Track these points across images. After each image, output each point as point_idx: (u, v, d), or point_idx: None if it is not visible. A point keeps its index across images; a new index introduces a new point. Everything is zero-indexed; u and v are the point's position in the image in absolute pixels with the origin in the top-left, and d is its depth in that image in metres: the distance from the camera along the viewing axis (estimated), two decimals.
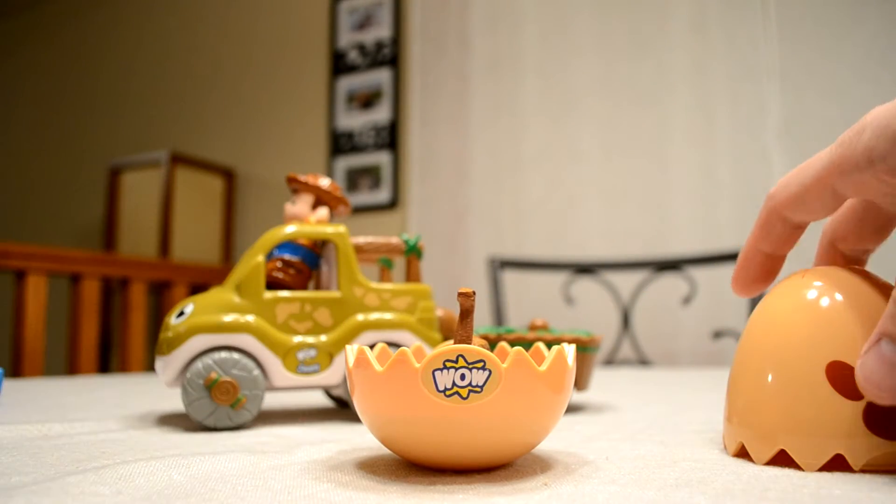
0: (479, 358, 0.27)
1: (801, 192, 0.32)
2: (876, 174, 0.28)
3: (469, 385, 0.27)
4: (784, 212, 0.34)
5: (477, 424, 0.28)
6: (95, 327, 1.88)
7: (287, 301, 0.47)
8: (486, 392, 0.27)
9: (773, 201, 0.34)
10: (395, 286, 0.50)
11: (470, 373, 0.27)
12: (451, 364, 0.27)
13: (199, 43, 2.81)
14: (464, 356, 0.27)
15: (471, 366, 0.27)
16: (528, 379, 0.28)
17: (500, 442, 0.29)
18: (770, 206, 0.34)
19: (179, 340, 0.44)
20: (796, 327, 0.31)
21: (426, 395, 0.27)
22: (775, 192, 0.34)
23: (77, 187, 3.07)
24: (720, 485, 0.27)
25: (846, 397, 0.28)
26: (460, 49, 2.19)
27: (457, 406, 0.27)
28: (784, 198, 0.33)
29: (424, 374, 0.27)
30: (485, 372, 0.27)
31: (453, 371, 0.27)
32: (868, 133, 0.28)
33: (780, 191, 0.34)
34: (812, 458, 0.29)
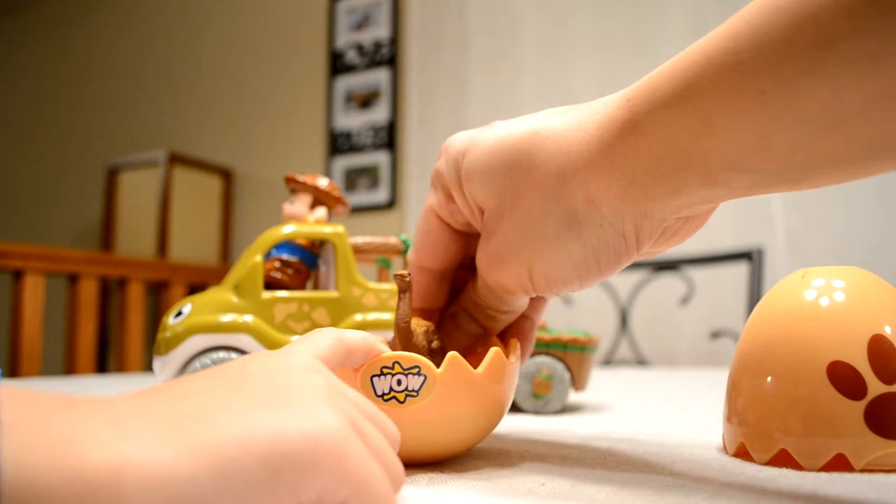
0: (414, 364, 0.28)
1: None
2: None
3: (406, 390, 0.28)
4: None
5: (415, 427, 0.29)
6: (93, 327, 1.88)
7: (285, 301, 0.47)
8: (422, 396, 0.28)
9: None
10: (393, 286, 0.50)
11: (406, 378, 0.28)
12: (387, 370, 0.28)
13: (198, 43, 2.81)
14: (399, 363, 0.28)
15: (406, 371, 0.28)
16: (464, 382, 0.29)
17: (441, 440, 0.30)
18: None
19: (177, 340, 0.44)
20: (796, 327, 0.31)
21: None
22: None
23: (75, 187, 3.07)
24: (720, 485, 0.27)
25: (847, 397, 0.28)
26: (458, 49, 2.19)
27: (394, 410, 0.28)
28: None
29: (363, 380, 0.28)
30: (420, 377, 0.28)
31: (390, 377, 0.28)
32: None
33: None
34: (813, 458, 0.29)
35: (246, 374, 0.21)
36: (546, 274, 0.30)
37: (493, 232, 0.31)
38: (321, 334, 0.26)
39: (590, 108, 0.29)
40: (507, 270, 0.31)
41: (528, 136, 0.30)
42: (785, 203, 1.72)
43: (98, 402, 0.17)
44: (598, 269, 0.29)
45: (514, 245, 0.30)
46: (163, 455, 0.16)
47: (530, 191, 0.29)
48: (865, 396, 0.28)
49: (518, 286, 0.31)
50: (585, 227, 0.28)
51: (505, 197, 0.30)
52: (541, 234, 0.29)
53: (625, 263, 0.29)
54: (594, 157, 0.27)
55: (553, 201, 0.28)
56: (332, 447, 0.19)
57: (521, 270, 0.30)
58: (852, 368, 0.29)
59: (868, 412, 0.28)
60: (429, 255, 0.35)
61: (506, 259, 0.31)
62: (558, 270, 0.29)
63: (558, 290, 0.31)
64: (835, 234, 1.67)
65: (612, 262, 0.29)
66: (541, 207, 0.29)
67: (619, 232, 0.28)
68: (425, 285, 0.36)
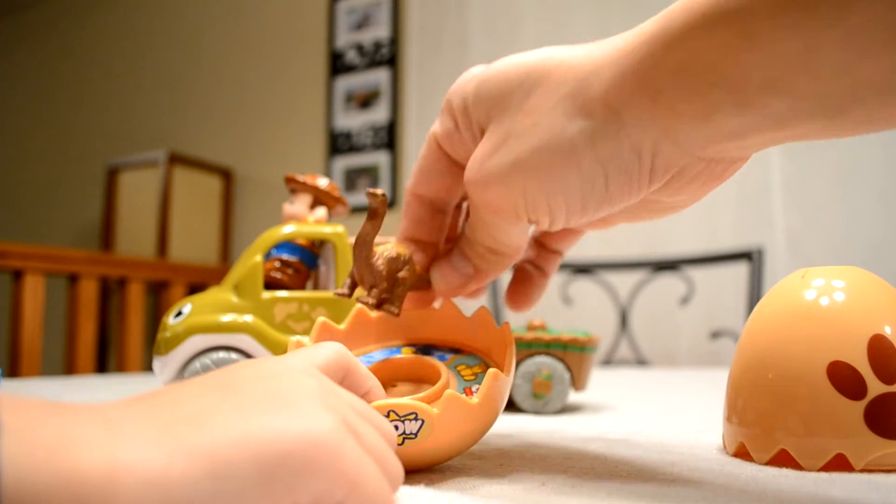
0: (410, 411, 0.27)
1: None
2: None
3: (403, 434, 0.27)
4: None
5: (414, 463, 0.29)
6: (93, 327, 1.88)
7: (285, 301, 0.47)
8: (420, 438, 0.28)
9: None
10: None
11: (403, 424, 0.27)
12: None
13: (198, 43, 2.81)
14: (395, 411, 0.27)
15: (403, 418, 0.27)
16: (462, 417, 0.29)
17: (437, 461, 0.30)
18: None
19: (177, 340, 0.44)
20: (796, 327, 0.31)
21: None
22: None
23: (75, 187, 3.06)
24: (719, 484, 0.27)
25: (847, 397, 0.28)
26: (458, 49, 2.19)
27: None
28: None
29: None
30: (417, 422, 0.28)
31: None
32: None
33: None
34: (813, 458, 0.29)
35: (238, 378, 0.21)
36: (547, 191, 0.27)
37: (492, 145, 0.29)
38: (324, 345, 0.26)
39: (617, 37, 0.27)
40: (502, 185, 0.28)
41: (543, 55, 0.28)
42: (785, 203, 1.72)
43: (91, 408, 0.17)
44: (604, 191, 0.26)
45: (516, 155, 0.27)
46: (156, 457, 0.16)
47: (542, 96, 0.27)
48: (865, 396, 0.28)
49: (509, 205, 0.28)
50: (599, 136, 0.25)
51: (510, 107, 0.28)
52: (548, 141, 0.26)
53: (633, 193, 0.26)
54: (618, 63, 0.25)
55: (567, 104, 0.26)
56: (327, 448, 0.18)
57: (517, 185, 0.27)
58: (852, 368, 0.29)
59: (868, 412, 0.28)
60: (424, 180, 0.34)
61: (503, 172, 0.28)
62: (561, 186, 0.27)
63: (554, 215, 0.28)
64: (835, 234, 1.67)
65: (621, 186, 0.26)
66: (552, 113, 0.26)
67: (635, 148, 0.25)
68: (417, 212, 0.34)
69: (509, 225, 0.30)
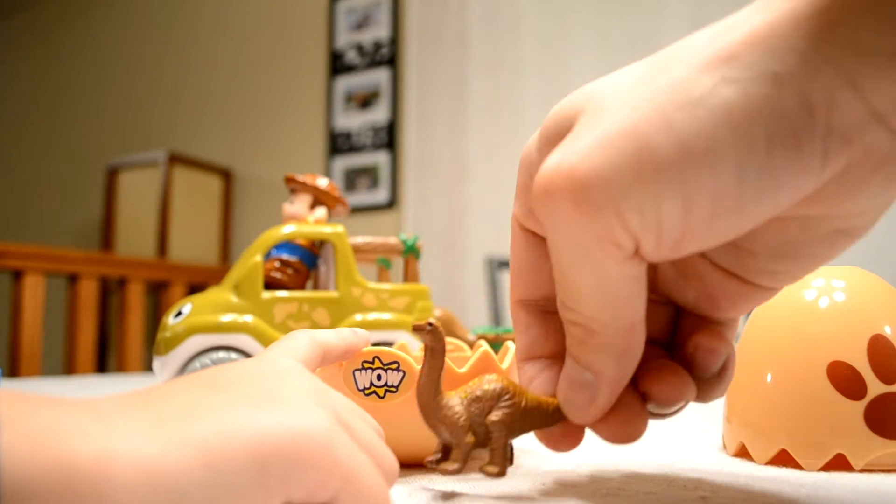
0: (393, 360, 0.29)
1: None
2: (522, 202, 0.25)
3: (385, 385, 0.29)
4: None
5: (395, 421, 0.29)
6: (93, 327, 1.88)
7: (285, 301, 0.47)
8: (401, 392, 0.29)
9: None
10: (393, 286, 0.50)
11: (386, 373, 0.29)
12: (368, 365, 0.29)
13: (197, 43, 2.81)
14: (379, 357, 0.29)
15: (386, 367, 0.29)
16: (446, 380, 0.28)
17: (424, 437, 0.29)
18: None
19: (177, 340, 0.44)
20: (796, 327, 0.31)
21: (348, 393, 0.29)
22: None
23: (75, 187, 3.06)
24: (720, 485, 0.27)
25: (847, 397, 0.28)
26: (458, 49, 2.19)
27: (374, 405, 0.29)
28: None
29: (346, 374, 0.29)
30: (399, 373, 0.29)
31: (370, 371, 0.29)
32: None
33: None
34: (813, 458, 0.29)
35: (227, 377, 0.21)
36: (676, 168, 0.18)
37: (576, 133, 0.20)
38: (295, 337, 0.26)
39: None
40: (592, 172, 0.19)
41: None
42: None
43: (84, 401, 0.17)
44: (766, 164, 0.18)
45: (618, 125, 0.19)
46: (149, 448, 0.16)
47: (648, 64, 0.21)
48: (865, 396, 0.28)
49: (605, 203, 0.19)
50: (753, 84, 0.18)
51: (603, 94, 0.21)
52: (672, 99, 0.19)
53: (804, 170, 0.19)
54: (764, 6, 0.19)
55: (696, 54, 0.19)
56: (319, 441, 0.18)
57: (622, 168, 0.19)
58: (852, 368, 0.29)
59: (868, 412, 0.28)
60: (521, 280, 0.26)
61: (594, 152, 0.19)
62: (703, 159, 0.18)
63: (692, 213, 0.19)
64: None
65: (788, 154, 0.18)
66: (671, 66, 0.20)
67: (804, 98, 0.18)
68: (526, 322, 0.26)
69: (600, 254, 0.20)
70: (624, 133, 0.19)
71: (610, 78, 0.22)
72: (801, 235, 0.21)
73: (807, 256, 0.22)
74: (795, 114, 0.18)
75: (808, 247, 0.22)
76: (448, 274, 2.12)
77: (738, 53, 0.19)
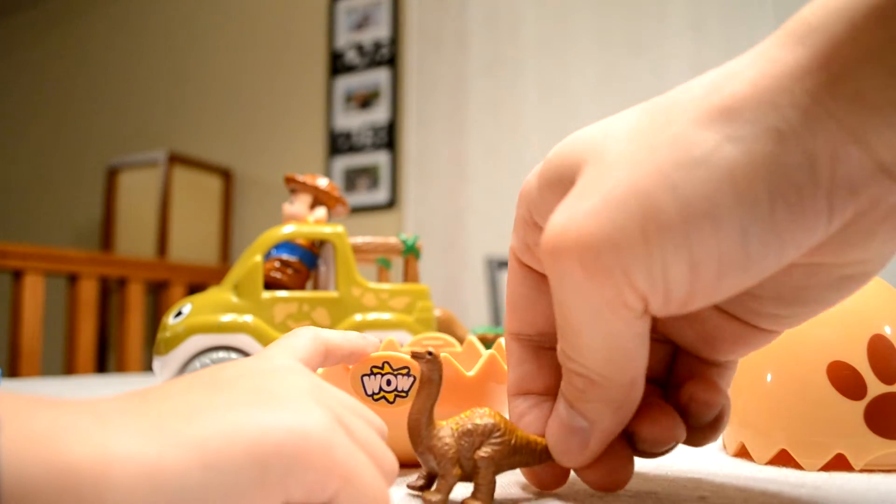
0: (403, 365, 0.29)
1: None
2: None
3: (395, 390, 0.29)
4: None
5: (405, 426, 0.28)
6: (93, 327, 1.88)
7: (285, 301, 0.47)
8: (411, 396, 0.28)
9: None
10: (392, 286, 0.50)
11: (395, 378, 0.29)
12: (377, 370, 0.29)
13: (197, 43, 2.81)
14: (389, 363, 0.29)
15: (396, 372, 0.29)
16: (456, 385, 0.29)
17: None
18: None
19: (177, 340, 0.44)
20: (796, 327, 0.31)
21: (356, 399, 0.28)
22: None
23: (74, 187, 3.06)
24: (719, 484, 0.27)
25: (847, 397, 0.28)
26: (458, 49, 2.19)
27: (384, 410, 0.28)
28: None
29: (354, 379, 0.29)
30: (409, 378, 0.29)
31: (380, 377, 0.29)
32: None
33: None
34: (813, 458, 0.29)
35: (225, 377, 0.21)
36: (681, 228, 0.18)
37: (584, 188, 0.20)
38: (298, 335, 0.26)
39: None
40: (600, 232, 0.19)
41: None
42: None
43: (81, 402, 0.17)
44: (769, 219, 0.18)
45: (624, 185, 0.19)
46: (147, 448, 0.16)
47: (651, 118, 0.20)
48: (865, 396, 0.28)
49: (611, 262, 0.19)
50: (754, 141, 0.18)
51: (607, 146, 0.21)
52: (676, 158, 0.19)
53: (808, 225, 0.18)
54: (766, 56, 0.19)
55: (696, 110, 0.19)
56: (319, 440, 0.18)
57: (629, 228, 0.19)
58: (852, 368, 0.29)
59: (868, 412, 0.28)
60: (516, 315, 0.26)
61: (602, 213, 0.19)
62: (706, 220, 0.18)
63: (698, 271, 0.19)
64: None
65: (791, 210, 0.18)
66: (674, 124, 0.19)
67: (807, 153, 0.18)
68: (520, 357, 0.26)
69: (609, 315, 0.20)
70: (628, 194, 0.19)
71: (611, 125, 0.22)
72: (807, 281, 0.21)
73: (813, 302, 0.22)
74: (799, 171, 0.18)
75: (815, 292, 0.22)
76: (448, 274, 2.12)
77: (740, 109, 0.18)
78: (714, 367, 0.25)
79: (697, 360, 0.25)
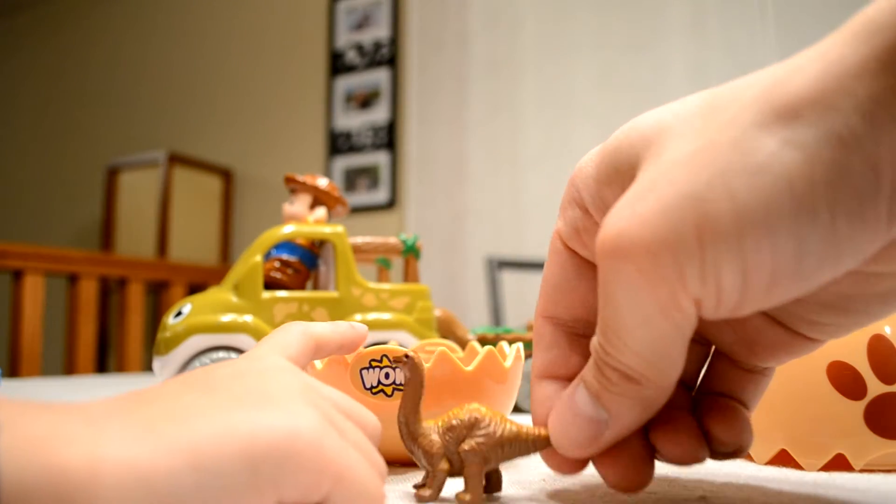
0: (401, 357, 0.28)
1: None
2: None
3: (393, 383, 0.29)
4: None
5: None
6: (93, 327, 1.88)
7: (285, 301, 0.47)
8: None
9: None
10: (393, 286, 0.50)
11: (394, 372, 0.29)
12: (376, 363, 0.29)
13: (197, 43, 2.81)
14: (387, 356, 0.29)
15: (394, 365, 0.29)
16: (453, 378, 0.29)
17: None
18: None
19: (177, 340, 0.44)
20: None
21: (355, 392, 0.29)
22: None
23: (75, 187, 3.06)
24: (720, 484, 0.27)
25: (847, 397, 0.28)
26: (458, 49, 2.19)
27: (382, 403, 0.29)
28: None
29: (353, 373, 0.29)
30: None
31: (378, 370, 0.29)
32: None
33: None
34: (813, 458, 0.29)
35: (217, 377, 0.21)
36: (739, 231, 0.18)
37: (646, 185, 0.20)
38: (287, 331, 0.26)
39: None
40: (659, 234, 0.19)
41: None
42: None
43: (74, 406, 0.17)
44: (830, 228, 0.18)
45: (687, 188, 0.19)
46: (139, 452, 0.16)
47: (712, 114, 0.20)
48: (865, 396, 0.28)
49: (670, 268, 0.19)
50: (815, 147, 0.17)
51: (668, 137, 0.20)
52: (737, 162, 0.18)
53: (867, 232, 0.18)
54: (830, 55, 0.18)
55: (756, 111, 0.19)
56: (310, 440, 0.18)
57: (686, 231, 0.18)
58: (852, 368, 0.29)
59: (868, 412, 0.28)
60: (554, 297, 0.25)
61: (662, 214, 0.19)
62: (763, 226, 0.18)
63: (751, 276, 0.18)
64: None
65: (850, 218, 0.18)
66: (734, 125, 0.19)
67: (869, 160, 0.17)
68: (550, 340, 0.25)
69: (660, 318, 0.19)
70: (686, 199, 0.19)
71: (671, 115, 0.21)
72: (855, 290, 0.21)
73: (860, 312, 0.22)
74: (861, 179, 0.17)
75: (862, 303, 0.21)
76: (448, 274, 2.12)
77: (802, 111, 0.18)
78: (749, 373, 0.24)
79: (732, 366, 0.24)
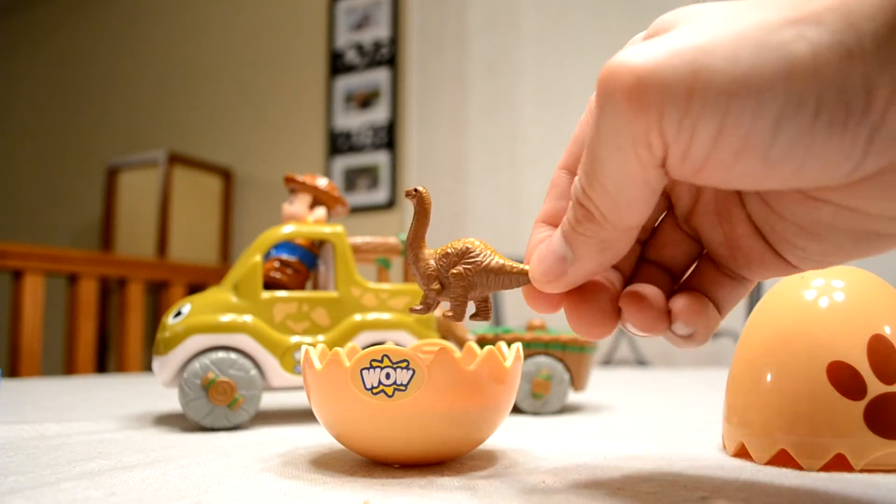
0: (402, 358, 0.28)
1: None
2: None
3: (394, 384, 0.28)
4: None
5: (403, 421, 0.28)
6: (93, 327, 1.88)
7: (284, 301, 0.47)
8: (410, 390, 0.28)
9: None
10: (392, 286, 0.50)
11: (394, 372, 0.28)
12: (376, 363, 0.29)
13: (197, 42, 2.81)
14: (388, 356, 0.29)
15: (395, 365, 0.28)
16: (454, 378, 0.28)
17: (434, 437, 0.29)
18: None
19: (177, 340, 0.44)
20: (796, 327, 0.31)
21: (355, 393, 0.28)
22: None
23: (74, 187, 3.06)
24: (719, 484, 0.27)
25: (847, 397, 0.28)
26: (458, 49, 2.19)
27: (382, 404, 0.28)
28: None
29: (353, 373, 0.29)
30: (408, 371, 0.28)
31: (379, 370, 0.29)
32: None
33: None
34: (813, 458, 0.29)
35: None
36: (725, 89, 0.19)
37: (662, 35, 0.21)
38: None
39: None
40: (656, 69, 0.20)
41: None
42: None
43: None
44: (810, 122, 0.19)
45: (696, 38, 0.20)
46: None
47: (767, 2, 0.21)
48: (865, 396, 0.28)
49: (658, 101, 0.19)
50: (825, 48, 0.18)
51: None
52: (750, 34, 0.19)
53: (843, 145, 0.19)
54: None
55: (781, 4, 0.20)
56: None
57: (680, 74, 0.20)
58: (852, 368, 0.29)
59: (868, 412, 0.28)
60: (574, 153, 0.27)
61: (667, 53, 0.20)
62: (754, 97, 0.19)
63: (724, 139, 0.19)
64: None
65: (830, 123, 0.19)
66: (757, 9, 0.20)
67: (867, 81, 0.18)
68: (564, 189, 0.27)
69: (630, 151, 0.20)
70: (694, 50, 0.20)
71: (710, 4, 0.22)
72: (831, 219, 0.21)
73: (830, 243, 0.22)
74: (854, 94, 0.18)
75: (833, 234, 0.22)
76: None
77: (823, 18, 0.19)
78: (729, 278, 0.25)
79: (716, 269, 0.26)
